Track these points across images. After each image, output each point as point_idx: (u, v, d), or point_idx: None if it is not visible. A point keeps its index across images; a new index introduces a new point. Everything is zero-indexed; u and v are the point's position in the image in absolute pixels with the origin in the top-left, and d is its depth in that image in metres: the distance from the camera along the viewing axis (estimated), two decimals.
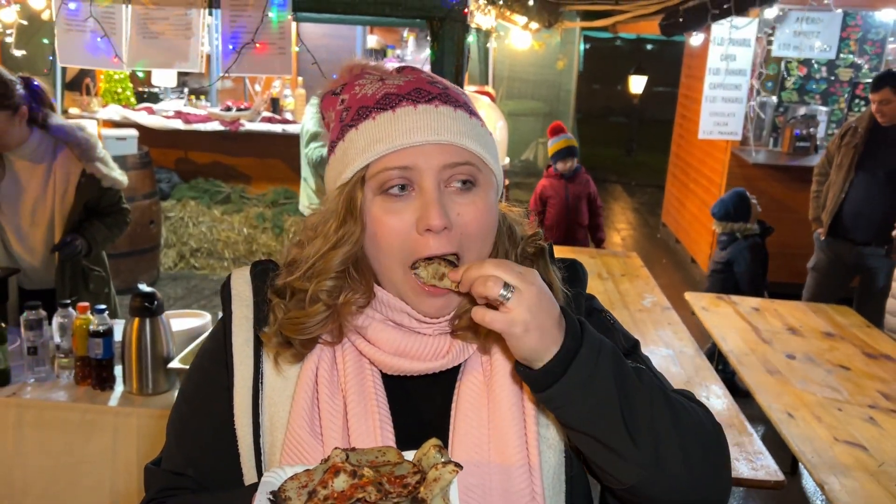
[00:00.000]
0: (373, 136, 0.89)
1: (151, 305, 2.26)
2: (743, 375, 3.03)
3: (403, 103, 0.90)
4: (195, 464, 0.97)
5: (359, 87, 0.94)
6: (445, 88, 0.93)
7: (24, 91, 2.69)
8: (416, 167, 0.87)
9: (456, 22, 2.45)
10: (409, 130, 0.88)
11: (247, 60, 2.89)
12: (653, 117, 15.84)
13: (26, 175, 2.76)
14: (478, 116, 0.95)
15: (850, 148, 4.34)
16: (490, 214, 0.92)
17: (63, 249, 2.76)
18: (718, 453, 0.92)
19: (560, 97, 10.42)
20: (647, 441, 0.83)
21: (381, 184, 0.89)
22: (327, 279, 0.92)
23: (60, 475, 2.26)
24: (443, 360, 0.93)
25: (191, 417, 1.00)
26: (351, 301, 0.93)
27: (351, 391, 0.93)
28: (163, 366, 2.28)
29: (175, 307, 5.35)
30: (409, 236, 0.88)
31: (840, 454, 2.40)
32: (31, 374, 2.34)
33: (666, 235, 8.53)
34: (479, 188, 0.91)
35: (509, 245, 0.99)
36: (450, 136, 0.88)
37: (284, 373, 0.96)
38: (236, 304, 0.99)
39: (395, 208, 0.89)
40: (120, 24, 2.87)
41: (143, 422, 2.23)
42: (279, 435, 0.94)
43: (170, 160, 6.60)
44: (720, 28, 5.17)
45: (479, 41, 7.44)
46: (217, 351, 0.99)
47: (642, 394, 0.85)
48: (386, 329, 0.94)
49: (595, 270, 4.46)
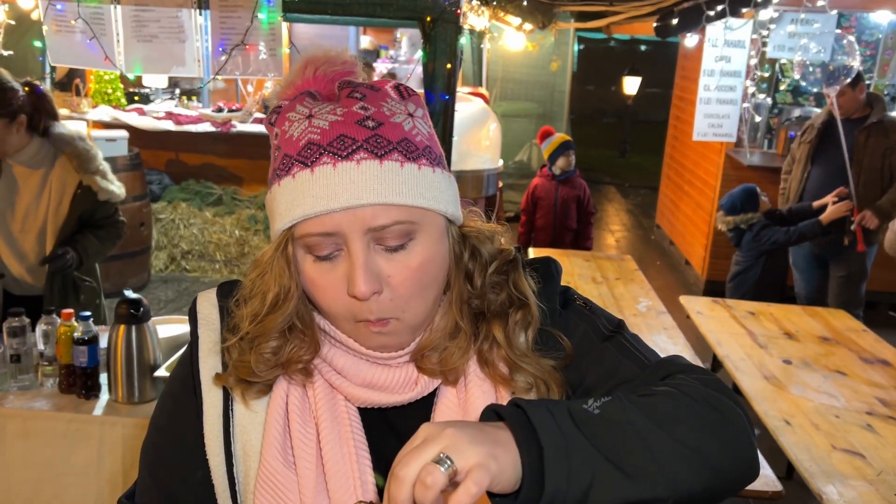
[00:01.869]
0: (293, 198, 0.82)
1: (137, 312, 2.21)
2: (739, 381, 3.00)
3: (323, 159, 0.81)
4: (170, 496, 0.93)
5: (288, 124, 0.86)
6: (378, 126, 0.83)
7: (26, 98, 2.64)
8: (340, 232, 0.81)
9: (448, 23, 2.41)
10: (328, 196, 0.80)
11: (237, 62, 2.86)
12: (646, 119, 15.85)
13: (22, 181, 2.71)
14: (420, 153, 0.85)
15: (806, 144, 4.58)
16: (430, 266, 0.85)
17: (54, 262, 2.69)
18: (728, 425, 0.80)
19: (554, 98, 10.39)
20: (655, 471, 0.74)
21: (307, 247, 0.84)
22: (269, 341, 0.89)
23: (45, 486, 2.22)
24: (411, 393, 0.90)
25: (163, 447, 0.96)
26: (295, 359, 0.89)
27: (323, 418, 0.89)
28: (149, 373, 2.23)
29: (166, 310, 5.30)
30: (345, 299, 0.84)
31: (838, 462, 2.37)
32: (14, 383, 2.29)
33: (660, 237, 8.51)
34: (416, 241, 0.84)
35: (474, 268, 0.92)
36: (373, 196, 0.80)
37: (253, 406, 0.92)
38: (203, 328, 0.95)
39: (325, 269, 0.84)
40: (110, 24, 2.82)
41: (130, 431, 2.18)
42: (253, 464, 0.90)
43: (160, 162, 6.54)
44: (715, 29, 5.15)
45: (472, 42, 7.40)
46: (186, 377, 0.95)
47: (618, 427, 0.74)
48: (353, 360, 0.90)
49: (589, 274, 4.43)
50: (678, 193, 7.83)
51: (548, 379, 0.91)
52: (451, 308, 0.91)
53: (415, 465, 0.66)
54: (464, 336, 0.91)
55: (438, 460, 0.66)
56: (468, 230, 0.94)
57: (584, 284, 4.18)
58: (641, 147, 14.41)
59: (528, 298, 0.92)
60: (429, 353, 0.90)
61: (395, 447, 0.86)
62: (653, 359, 0.93)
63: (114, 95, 6.43)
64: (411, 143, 0.85)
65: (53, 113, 2.78)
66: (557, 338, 0.94)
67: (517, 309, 0.92)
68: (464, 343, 0.90)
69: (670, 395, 0.80)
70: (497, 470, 0.66)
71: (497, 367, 0.91)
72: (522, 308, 0.92)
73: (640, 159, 13.99)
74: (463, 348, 0.90)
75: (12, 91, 2.59)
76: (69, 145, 2.73)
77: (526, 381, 0.90)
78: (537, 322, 0.92)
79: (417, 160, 0.85)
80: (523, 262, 0.97)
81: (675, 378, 0.86)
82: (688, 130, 6.52)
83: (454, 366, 0.89)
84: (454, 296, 0.91)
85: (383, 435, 0.92)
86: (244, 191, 6.47)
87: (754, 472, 0.82)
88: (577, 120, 13.16)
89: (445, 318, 0.91)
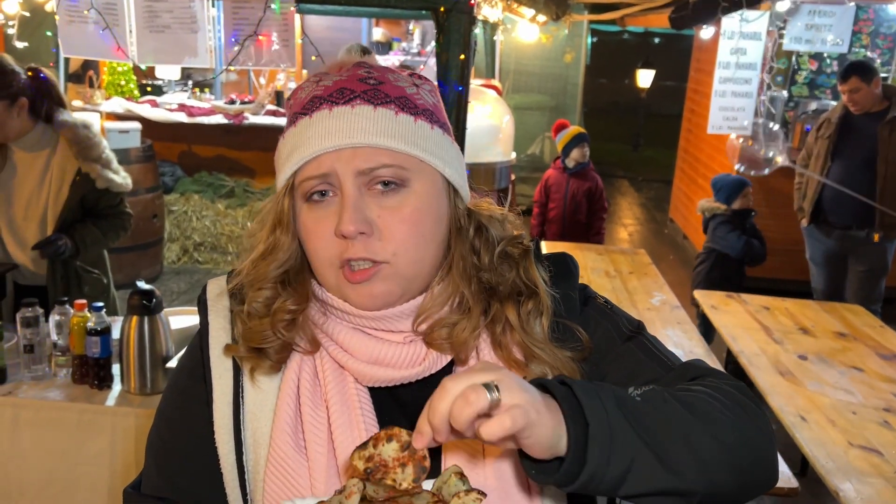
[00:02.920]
0: (293, 145, 0.87)
1: (150, 303, 2.21)
2: (754, 376, 2.97)
3: (322, 107, 0.86)
4: (177, 487, 0.92)
5: (300, 91, 0.91)
6: (378, 84, 0.87)
7: (28, 82, 2.63)
8: (334, 172, 0.85)
9: (462, 14, 2.39)
10: (322, 136, 0.84)
11: (249, 53, 2.85)
12: (660, 112, 15.74)
13: (24, 167, 2.70)
14: (418, 111, 0.88)
15: (825, 139, 4.54)
16: (424, 216, 0.87)
17: (45, 248, 2.65)
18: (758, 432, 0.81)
19: (567, 91, 10.33)
20: (692, 465, 0.74)
21: (305, 192, 0.87)
22: (262, 289, 0.91)
23: (58, 475, 2.22)
24: (419, 368, 0.89)
25: (170, 437, 0.95)
26: (282, 308, 0.90)
27: (333, 401, 0.88)
28: (161, 364, 2.24)
29: (178, 302, 5.32)
30: (333, 240, 0.85)
31: (855, 459, 2.34)
32: (28, 373, 2.30)
33: (673, 231, 8.46)
34: (408, 189, 0.86)
35: (480, 244, 0.92)
36: (363, 137, 0.84)
37: (261, 385, 0.91)
38: (213, 314, 0.95)
39: (319, 215, 0.87)
40: (123, 15, 2.82)
41: (142, 421, 2.18)
42: (262, 451, 0.89)
43: (173, 153, 6.55)
44: (730, 21, 5.10)
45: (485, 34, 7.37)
46: (194, 366, 0.94)
47: (660, 416, 0.75)
48: (356, 335, 0.90)
49: (602, 268, 4.40)
50: (692, 187, 7.78)
51: (564, 370, 0.89)
52: (451, 275, 0.91)
53: (464, 382, 0.68)
54: (474, 312, 0.90)
55: (487, 385, 0.67)
56: (480, 209, 0.95)
57: (597, 278, 4.16)
58: (655, 140, 14.33)
59: (538, 287, 0.92)
60: (438, 328, 0.89)
61: (403, 426, 0.86)
62: (675, 361, 0.93)
63: (127, 87, 6.44)
64: (410, 101, 0.88)
65: (59, 99, 2.76)
66: (576, 331, 0.93)
67: (528, 298, 0.91)
68: (474, 319, 0.90)
69: (706, 394, 0.81)
70: (535, 419, 0.67)
71: (511, 351, 0.90)
72: (533, 297, 0.91)
73: (654, 153, 13.90)
74: (473, 324, 0.89)
75: (12, 74, 2.58)
76: (70, 131, 2.71)
77: (541, 370, 0.89)
78: (549, 311, 0.92)
79: (416, 115, 0.88)
80: (537, 254, 0.96)
81: (705, 380, 0.86)
82: (702, 123, 6.46)
83: (463, 339, 0.88)
84: (454, 261, 0.91)
85: (394, 417, 0.90)
86: (256, 183, 6.47)
87: (774, 480, 0.84)
88: (590, 113, 13.10)
89: (446, 285, 0.91)
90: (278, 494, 0.86)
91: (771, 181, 6.21)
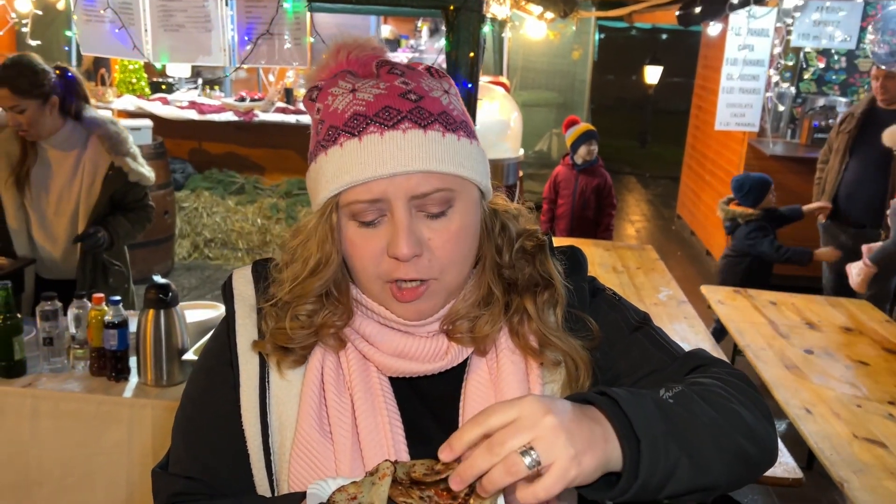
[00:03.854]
0: (340, 166, 0.86)
1: (166, 297, 2.25)
2: (760, 370, 3.00)
3: (370, 129, 0.85)
4: (205, 466, 0.96)
5: (331, 98, 0.90)
6: (420, 99, 0.87)
7: (58, 81, 2.69)
8: (385, 198, 0.86)
9: (472, 12, 2.42)
10: (376, 163, 0.84)
11: (262, 51, 2.89)
12: (667, 108, 15.71)
13: (56, 163, 2.78)
14: (457, 125, 0.90)
15: (846, 134, 4.48)
16: (467, 233, 0.90)
17: (86, 241, 2.77)
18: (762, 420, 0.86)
19: (575, 87, 10.33)
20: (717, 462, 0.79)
21: (352, 213, 0.88)
22: (306, 303, 0.93)
23: (76, 466, 2.27)
24: (442, 362, 0.93)
25: (198, 418, 0.99)
26: (328, 323, 0.93)
27: (357, 389, 0.92)
28: (177, 357, 2.28)
29: (189, 297, 5.37)
30: (382, 258, 0.88)
31: (859, 451, 2.37)
32: (47, 365, 2.35)
33: (681, 228, 8.47)
34: (453, 209, 0.88)
35: (503, 243, 0.96)
36: (419, 164, 0.85)
37: (287, 375, 0.95)
38: (239, 304, 0.99)
39: (368, 234, 0.88)
40: (138, 14, 2.86)
41: (158, 413, 2.23)
42: (288, 434, 0.93)
43: (184, 151, 6.61)
44: (738, 18, 5.11)
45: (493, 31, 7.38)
46: (222, 351, 0.98)
47: (692, 420, 0.79)
48: (382, 330, 0.93)
49: (610, 263, 4.43)
50: (699, 183, 7.78)
51: (576, 357, 0.94)
52: (482, 276, 0.95)
53: (505, 448, 0.68)
54: (496, 305, 0.94)
55: (525, 452, 0.68)
56: (497, 206, 0.98)
57: (604, 273, 4.19)
58: (662, 137, 14.31)
59: (553, 278, 0.96)
60: (459, 321, 0.93)
61: (426, 417, 0.90)
62: (679, 351, 0.98)
63: (138, 85, 6.49)
64: (449, 116, 0.89)
65: (85, 96, 2.85)
66: (586, 321, 0.97)
67: (544, 289, 0.96)
68: (496, 312, 0.94)
69: (720, 387, 0.85)
70: (575, 475, 0.68)
71: (528, 339, 0.94)
72: (549, 288, 0.96)
73: (661, 149, 13.89)
74: (495, 317, 0.93)
75: (44, 73, 2.66)
76: (101, 127, 2.81)
77: (555, 357, 0.94)
78: (564, 301, 0.96)
79: (456, 131, 0.89)
80: (551, 246, 1.00)
81: (709, 370, 0.91)
82: (710, 120, 6.47)
83: (485, 333, 0.93)
84: (487, 264, 0.95)
85: (414, 406, 0.95)
86: (266, 180, 6.52)
87: (775, 458, 0.89)
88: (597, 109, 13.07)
89: (476, 286, 0.95)
90: (304, 476, 0.90)
91: (780, 176, 6.22)
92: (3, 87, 2.60)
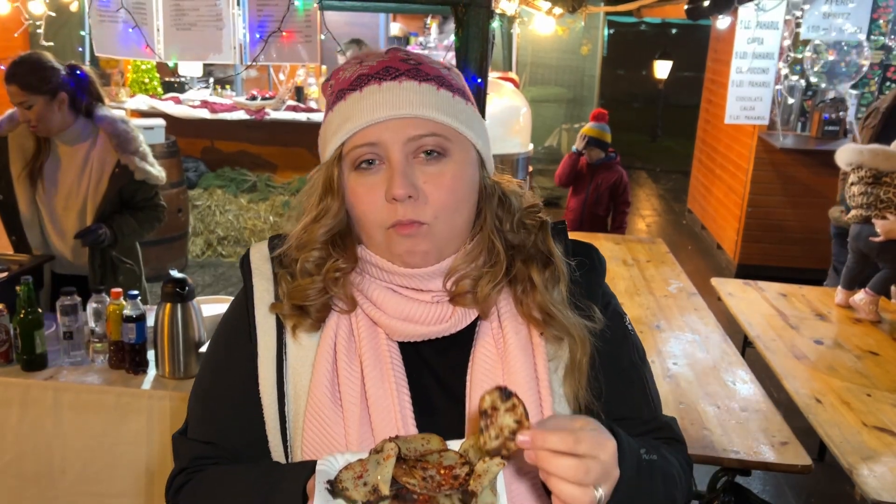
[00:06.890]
0: (344, 117, 0.95)
1: (183, 291, 2.30)
2: (769, 360, 3.02)
3: (371, 83, 0.94)
4: (222, 432, 1.01)
5: (342, 72, 1.00)
6: (418, 64, 0.97)
7: (68, 78, 2.74)
8: (382, 142, 0.93)
9: (481, 8, 2.44)
10: (373, 108, 0.92)
11: (273, 49, 2.93)
12: (677, 102, 15.67)
13: (66, 159, 2.83)
14: (454, 89, 0.98)
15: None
16: (461, 183, 0.95)
17: (86, 237, 2.79)
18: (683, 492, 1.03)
19: (584, 83, 10.34)
20: None
21: (353, 160, 0.95)
22: (312, 250, 0.99)
23: (98, 455, 2.33)
24: (446, 324, 0.97)
25: (216, 386, 1.03)
26: (334, 268, 0.98)
27: (366, 356, 0.97)
28: (194, 350, 2.33)
29: (203, 294, 5.40)
30: (381, 204, 0.93)
31: (869, 440, 2.39)
32: (67, 359, 2.40)
33: (691, 222, 8.47)
34: (448, 158, 0.94)
35: (503, 213, 1.01)
36: (411, 109, 0.92)
37: (302, 342, 0.99)
38: (257, 277, 1.03)
39: (367, 181, 0.94)
40: (151, 14, 2.91)
41: (176, 404, 2.28)
42: (302, 403, 0.97)
43: (196, 149, 6.67)
44: (747, 11, 5.10)
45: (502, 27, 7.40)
46: (240, 322, 1.03)
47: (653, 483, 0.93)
48: (387, 293, 0.98)
49: (620, 256, 4.45)
50: (710, 177, 7.78)
51: (577, 334, 0.98)
52: (482, 234, 0.99)
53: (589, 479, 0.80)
54: (499, 265, 0.98)
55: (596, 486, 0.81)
56: (501, 181, 1.04)
57: (615, 267, 4.21)
58: (673, 131, 14.28)
59: (553, 255, 1.00)
60: (462, 280, 0.97)
61: (433, 387, 0.97)
62: (657, 404, 1.08)
63: (150, 85, 6.56)
64: (446, 80, 0.98)
65: (97, 94, 2.88)
66: (592, 311, 1.01)
67: (545, 266, 1.00)
68: (497, 272, 0.98)
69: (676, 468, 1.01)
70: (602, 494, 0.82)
71: (531, 309, 0.98)
72: (549, 265, 1.00)
73: (672, 143, 13.86)
74: (496, 276, 0.98)
75: (52, 70, 2.71)
76: (110, 125, 2.84)
77: (557, 331, 0.98)
78: (566, 278, 1.01)
79: (452, 91, 0.97)
80: (556, 229, 1.04)
81: (673, 446, 1.06)
82: (720, 114, 6.47)
83: (486, 294, 0.97)
84: (487, 224, 1.00)
85: (421, 374, 0.99)
86: (278, 177, 6.57)
87: None
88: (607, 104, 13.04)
89: (477, 243, 0.99)
90: (316, 443, 0.95)
91: (790, 169, 6.22)
92: (11, 84, 2.65)
